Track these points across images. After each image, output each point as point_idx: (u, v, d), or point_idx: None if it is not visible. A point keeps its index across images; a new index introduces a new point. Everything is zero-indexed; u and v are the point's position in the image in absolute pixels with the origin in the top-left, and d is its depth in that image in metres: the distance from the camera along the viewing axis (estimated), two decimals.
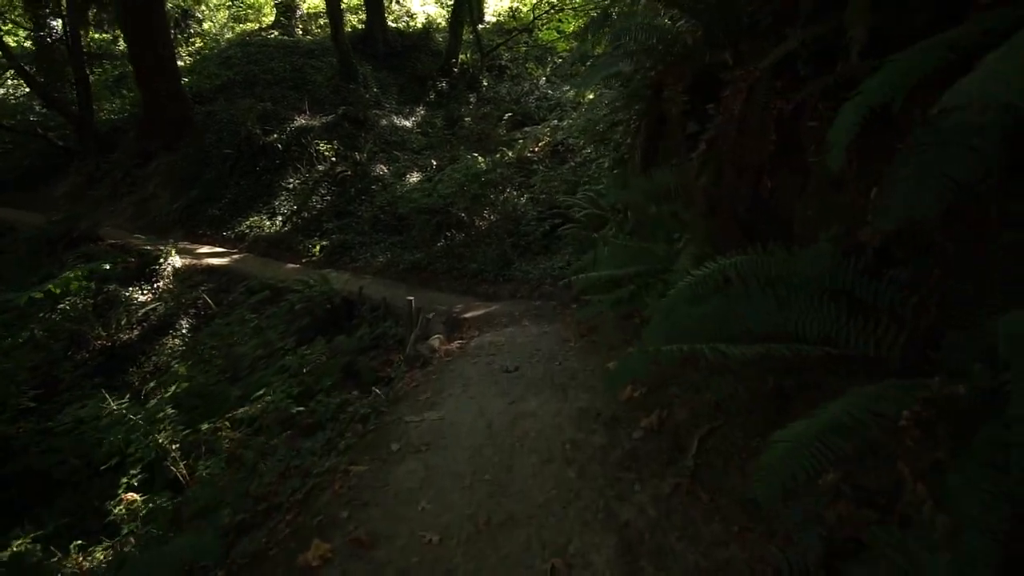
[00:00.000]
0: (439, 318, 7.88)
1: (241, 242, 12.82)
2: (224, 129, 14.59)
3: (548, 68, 19.06)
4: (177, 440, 4.75)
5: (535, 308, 8.45)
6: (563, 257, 9.80)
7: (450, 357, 5.53)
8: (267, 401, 5.08)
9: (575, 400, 3.83)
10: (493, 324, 7.74)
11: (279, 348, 7.58)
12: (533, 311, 8.26)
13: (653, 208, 3.47)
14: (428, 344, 5.92)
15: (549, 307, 8.32)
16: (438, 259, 11.13)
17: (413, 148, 15.35)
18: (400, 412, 4.26)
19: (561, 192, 11.64)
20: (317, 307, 9.06)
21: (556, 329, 6.25)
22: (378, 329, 9.02)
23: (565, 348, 4.92)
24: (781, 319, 2.18)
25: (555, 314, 7.73)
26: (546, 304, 8.69)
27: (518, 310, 8.50)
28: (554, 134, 14.12)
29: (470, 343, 6.33)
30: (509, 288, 9.88)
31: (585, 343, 4.89)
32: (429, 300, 9.80)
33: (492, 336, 6.51)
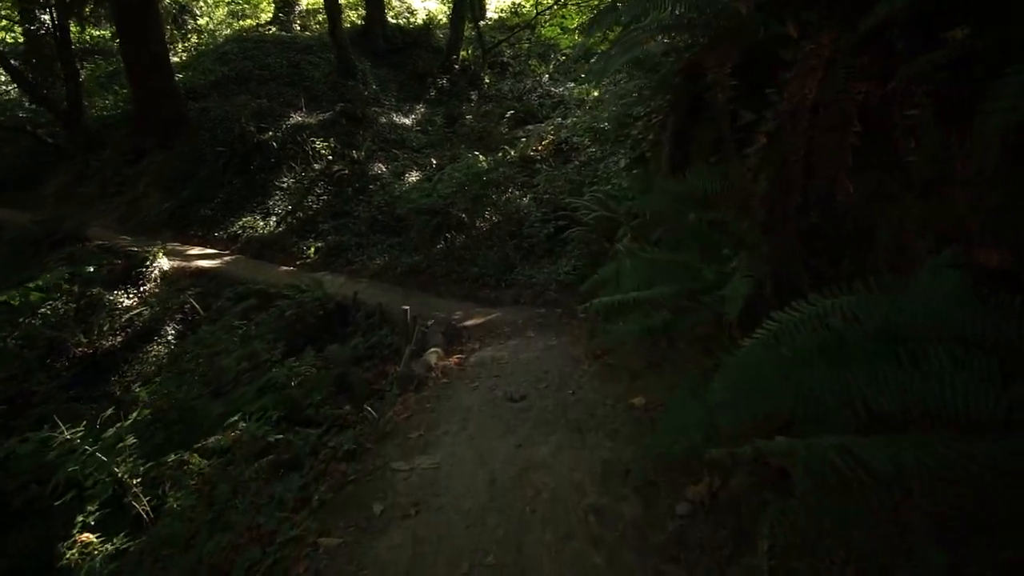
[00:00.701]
0: (437, 327, 7.25)
1: (233, 243, 12.19)
2: (218, 127, 13.96)
3: (551, 65, 18.41)
4: (139, 474, 4.11)
5: (539, 316, 7.81)
6: (569, 261, 9.16)
7: (447, 378, 4.91)
8: (242, 428, 4.44)
9: (596, 447, 3.18)
10: (495, 335, 7.11)
11: (265, 360, 6.93)
12: (537, 320, 7.62)
13: (692, 215, 2.86)
14: (424, 361, 5.29)
15: (554, 316, 7.68)
16: (437, 262, 10.49)
17: (413, 146, 14.70)
18: (387, 454, 3.62)
19: (566, 192, 11.01)
20: (309, 314, 8.42)
21: (564, 344, 5.62)
22: (373, 338, 8.39)
23: (577, 371, 4.29)
24: (920, 389, 1.52)
25: (561, 324, 7.09)
26: (551, 312, 8.05)
27: (521, 318, 7.87)
28: (558, 132, 13.47)
29: (470, 358, 5.70)
30: (512, 293, 9.24)
31: (600, 366, 4.26)
32: (427, 306, 9.17)
33: (494, 350, 5.88)
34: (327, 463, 3.68)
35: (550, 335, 6.39)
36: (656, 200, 3.08)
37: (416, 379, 4.66)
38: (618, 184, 7.54)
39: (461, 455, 3.43)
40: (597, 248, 7.44)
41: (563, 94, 16.42)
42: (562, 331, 6.57)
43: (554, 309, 8.26)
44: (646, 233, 4.62)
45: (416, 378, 4.67)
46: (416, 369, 4.82)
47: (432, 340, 6.62)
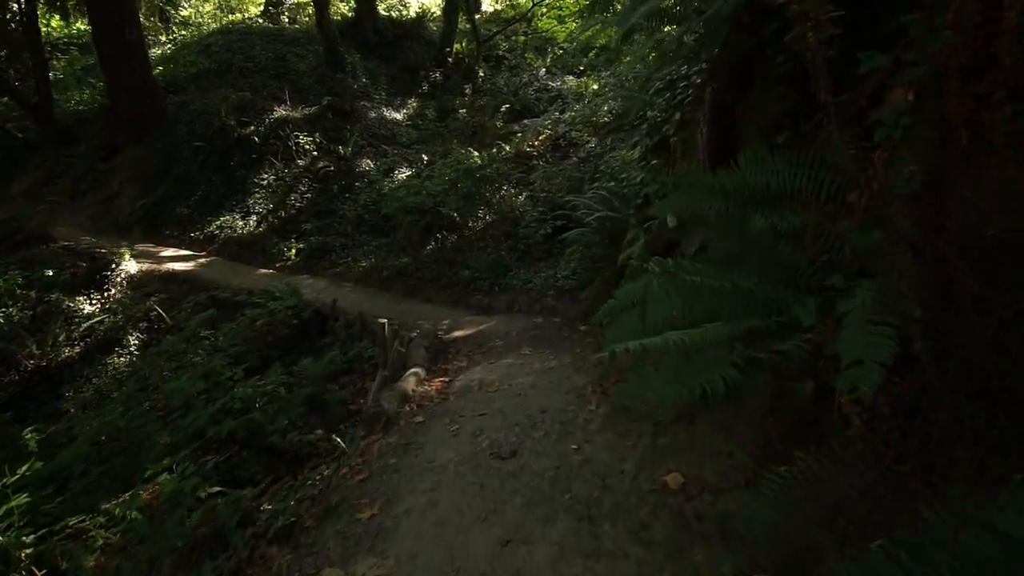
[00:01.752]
0: (421, 340, 6.31)
1: (210, 244, 11.23)
2: (196, 121, 12.98)
3: (548, 58, 17.43)
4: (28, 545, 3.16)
5: (536, 327, 6.88)
6: (567, 265, 8.23)
7: (423, 414, 3.98)
8: (165, 481, 3.50)
9: (617, 556, 2.19)
10: (486, 349, 6.17)
11: (227, 378, 5.97)
12: (533, 331, 6.70)
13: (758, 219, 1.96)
14: (399, 389, 4.36)
15: (553, 327, 6.75)
16: (427, 265, 9.55)
17: (403, 142, 13.74)
18: (325, 542, 2.66)
19: (564, 190, 10.07)
20: (281, 324, 7.45)
21: (564, 365, 4.71)
22: (352, 350, 7.46)
23: (583, 412, 3.35)
24: None
25: (560, 337, 6.15)
26: (549, 322, 7.11)
27: (516, 328, 6.94)
28: (555, 127, 12.50)
29: (455, 382, 4.78)
30: (506, 299, 8.31)
31: (611, 408, 3.32)
32: (414, 313, 8.23)
33: (483, 371, 4.96)
34: (254, 545, 2.76)
35: (548, 352, 5.46)
36: (692, 199, 2.18)
37: (385, 418, 3.73)
38: (626, 179, 6.60)
39: (424, 557, 2.45)
40: (600, 252, 6.51)
41: (560, 88, 15.47)
42: (561, 347, 5.64)
43: (551, 318, 7.33)
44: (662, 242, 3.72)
45: (385, 416, 3.74)
46: (387, 405, 3.88)
47: (414, 356, 5.68)
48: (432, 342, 6.38)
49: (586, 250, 6.55)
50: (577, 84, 14.79)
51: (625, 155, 8.22)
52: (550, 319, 7.31)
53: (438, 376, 5.15)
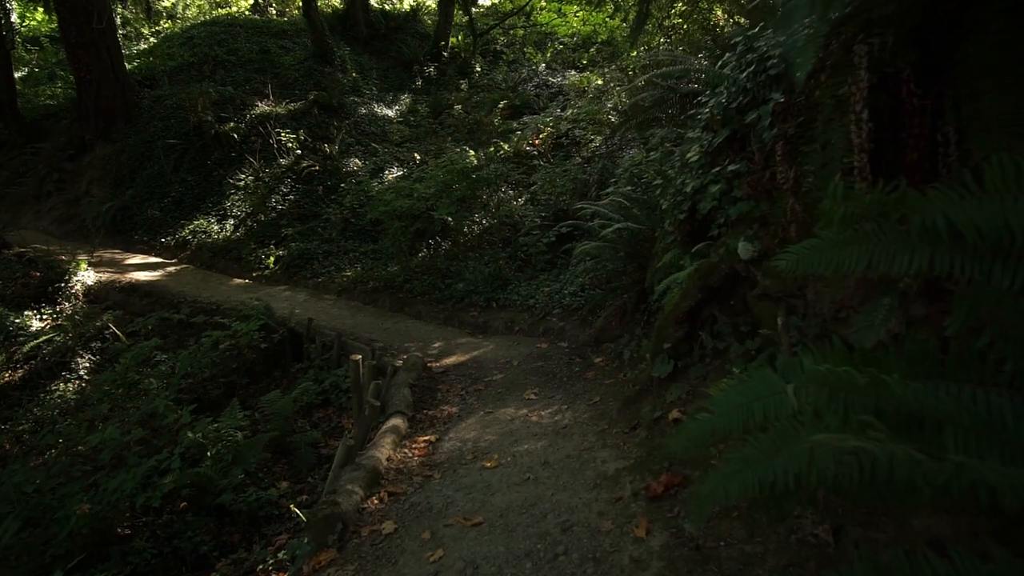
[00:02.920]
0: (406, 374, 5.23)
1: (182, 251, 10.11)
2: (172, 116, 11.85)
3: (549, 53, 16.28)
4: None
5: (540, 356, 5.80)
6: (575, 279, 7.16)
7: (396, 510, 2.88)
8: None
9: None
10: (482, 386, 5.10)
11: (171, 422, 4.88)
12: (538, 362, 5.61)
13: None
14: (368, 465, 3.27)
15: (560, 356, 5.67)
16: (416, 275, 8.47)
17: (394, 140, 12.62)
18: None
19: (567, 193, 9.00)
20: (248, 347, 6.34)
21: (584, 425, 3.64)
22: (328, 378, 6.37)
23: (627, 540, 2.18)
24: None
25: (572, 373, 5.08)
26: (555, 348, 6.03)
27: (517, 355, 5.87)
28: (557, 124, 11.39)
29: (442, 443, 3.72)
30: (505, 317, 7.23)
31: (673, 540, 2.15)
32: (401, 333, 7.15)
33: (478, 427, 3.90)
34: None
35: (558, 397, 4.38)
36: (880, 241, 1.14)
37: (340, 524, 2.63)
38: (648, 183, 5.51)
39: None
40: (616, 268, 5.42)
41: (561, 84, 14.35)
42: (574, 388, 4.56)
43: (557, 343, 6.25)
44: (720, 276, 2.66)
45: (341, 522, 2.64)
46: (345, 502, 2.76)
47: (395, 399, 4.60)
48: (419, 376, 5.29)
49: (602, 267, 5.46)
50: (580, 79, 13.66)
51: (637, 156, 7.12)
52: (556, 343, 6.23)
53: (422, 431, 4.06)
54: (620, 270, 5.38)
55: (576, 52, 16.62)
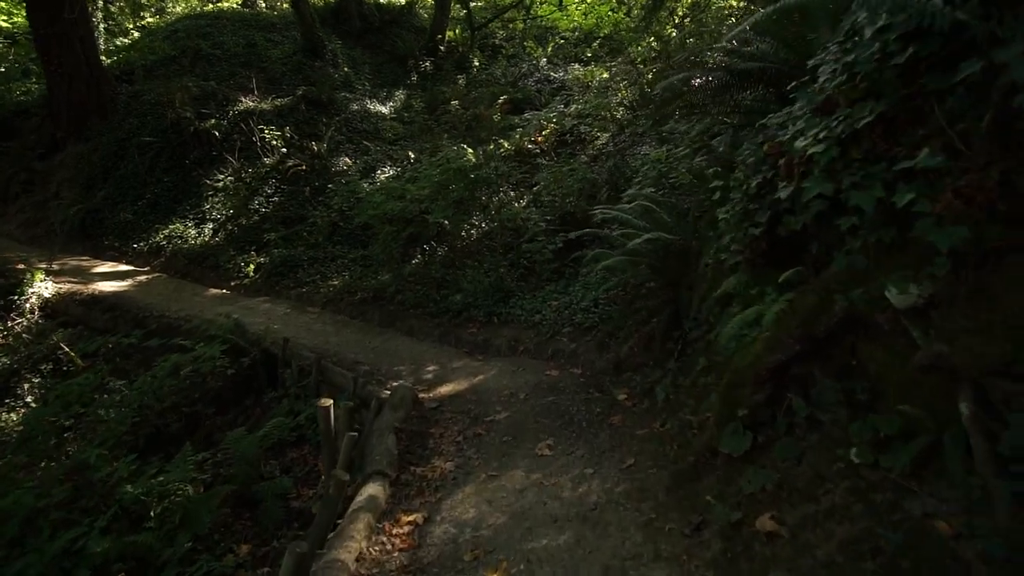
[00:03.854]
0: (392, 413, 4.30)
1: (156, 257, 9.15)
2: (149, 112, 10.83)
3: (550, 48, 15.29)
4: None
5: (552, 386, 4.85)
6: (586, 292, 6.24)
7: None
8: None
9: None
10: (483, 429, 4.16)
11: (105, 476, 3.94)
12: (549, 396, 4.67)
13: None
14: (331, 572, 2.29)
15: (575, 387, 4.73)
16: (409, 285, 7.53)
17: (387, 137, 11.65)
18: None
19: (574, 194, 8.05)
20: (212, 376, 5.39)
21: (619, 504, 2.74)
22: (304, 410, 5.40)
23: None
24: None
25: (592, 414, 4.16)
26: (568, 376, 5.09)
27: (523, 385, 4.93)
28: (561, 120, 10.43)
29: (431, 528, 2.80)
30: (508, 335, 6.29)
31: None
32: (391, 353, 6.23)
33: (479, 504, 3.03)
34: None
35: (580, 453, 3.46)
36: None
37: None
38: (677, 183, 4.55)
39: None
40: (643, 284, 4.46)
41: (563, 78, 13.37)
42: (598, 439, 3.64)
43: (570, 368, 5.31)
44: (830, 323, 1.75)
45: None
46: None
47: (377, 450, 3.66)
48: (408, 415, 4.33)
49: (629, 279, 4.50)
50: (585, 72, 12.69)
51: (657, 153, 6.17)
52: (567, 370, 5.28)
53: (408, 504, 3.11)
54: (650, 291, 4.42)
55: (578, 47, 15.66)
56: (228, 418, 5.86)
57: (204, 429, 5.73)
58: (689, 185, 4.62)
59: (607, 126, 10.13)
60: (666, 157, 5.12)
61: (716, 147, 4.24)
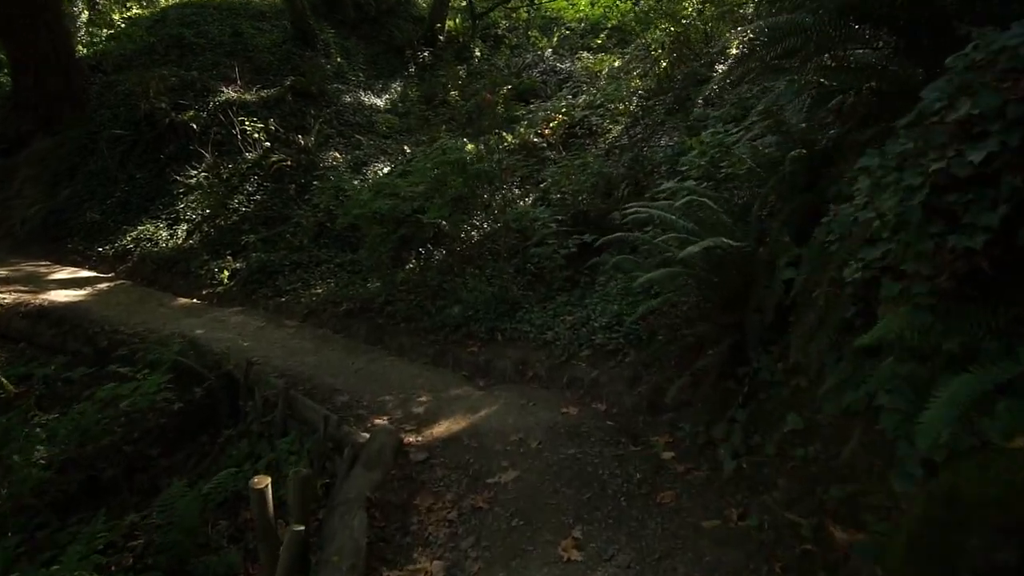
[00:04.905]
0: (366, 476, 3.23)
1: (122, 262, 8.11)
2: (122, 104, 9.78)
3: (556, 38, 14.18)
4: None
5: (573, 433, 3.77)
6: (606, 305, 5.14)
7: None
8: None
9: None
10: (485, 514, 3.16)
11: None
12: (571, 446, 3.61)
13: None
14: None
15: (606, 439, 3.65)
16: (401, 295, 6.48)
17: (382, 131, 10.56)
18: None
19: (587, 191, 6.97)
20: (155, 410, 4.31)
21: None
22: (265, 454, 4.33)
23: None
24: None
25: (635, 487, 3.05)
26: (592, 417, 4.00)
27: (537, 431, 3.84)
28: (571, 111, 9.34)
29: None
30: (514, 356, 5.20)
31: None
32: (376, 378, 5.19)
33: None
34: None
35: (622, 553, 2.40)
36: None
37: None
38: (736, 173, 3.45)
39: None
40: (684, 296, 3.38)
41: (570, 69, 12.26)
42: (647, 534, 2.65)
43: (593, 405, 4.23)
44: None
45: None
46: None
47: (337, 539, 2.53)
48: (385, 478, 3.24)
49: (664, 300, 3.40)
50: (595, 61, 11.58)
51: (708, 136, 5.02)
52: (589, 406, 4.20)
53: None
54: (701, 314, 3.32)
55: (584, 38, 14.54)
56: (179, 459, 4.79)
57: (148, 474, 4.66)
58: (746, 176, 3.53)
59: (620, 118, 9.02)
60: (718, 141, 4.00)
61: (792, 124, 3.15)
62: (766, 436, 2.63)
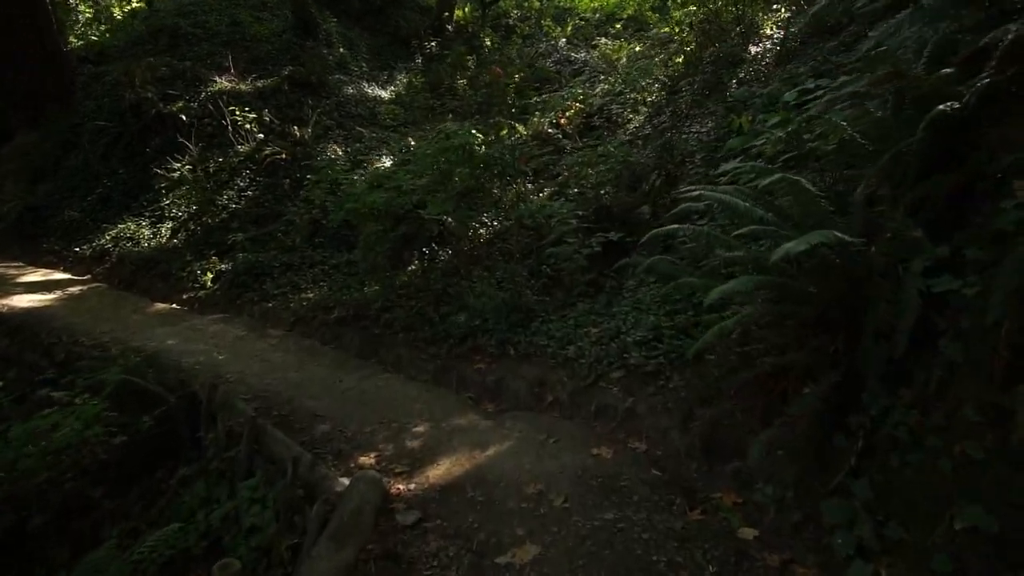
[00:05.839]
0: (337, 552, 2.21)
1: (99, 263, 7.33)
2: (107, 94, 8.99)
3: (569, 28, 13.25)
4: None
5: (609, 487, 2.85)
6: (639, 315, 4.22)
7: None
8: None
9: None
10: None
11: None
12: (606, 507, 2.74)
13: None
14: None
15: (657, 505, 2.72)
16: (400, 301, 5.59)
17: (386, 123, 9.69)
18: None
19: (611, 183, 6.10)
20: (89, 444, 3.44)
21: None
22: (222, 505, 3.43)
23: None
24: None
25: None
26: (631, 462, 3.09)
27: (561, 480, 3.01)
28: (588, 100, 8.43)
29: None
30: (529, 375, 4.29)
31: None
32: (368, 399, 4.38)
33: None
34: None
35: None
36: None
37: None
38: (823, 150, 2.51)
39: None
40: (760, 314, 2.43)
41: (586, 59, 11.34)
42: None
43: (629, 443, 3.34)
44: None
45: None
46: None
47: None
48: (358, 557, 2.32)
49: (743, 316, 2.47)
50: (613, 47, 10.65)
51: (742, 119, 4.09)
52: (627, 444, 3.31)
53: None
54: (777, 329, 2.39)
55: (599, 28, 13.61)
56: (130, 499, 3.94)
57: (89, 519, 3.81)
58: (836, 151, 2.60)
59: (641, 108, 8.08)
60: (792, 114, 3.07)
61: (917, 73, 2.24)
62: (913, 528, 1.72)
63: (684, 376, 3.48)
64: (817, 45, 5.79)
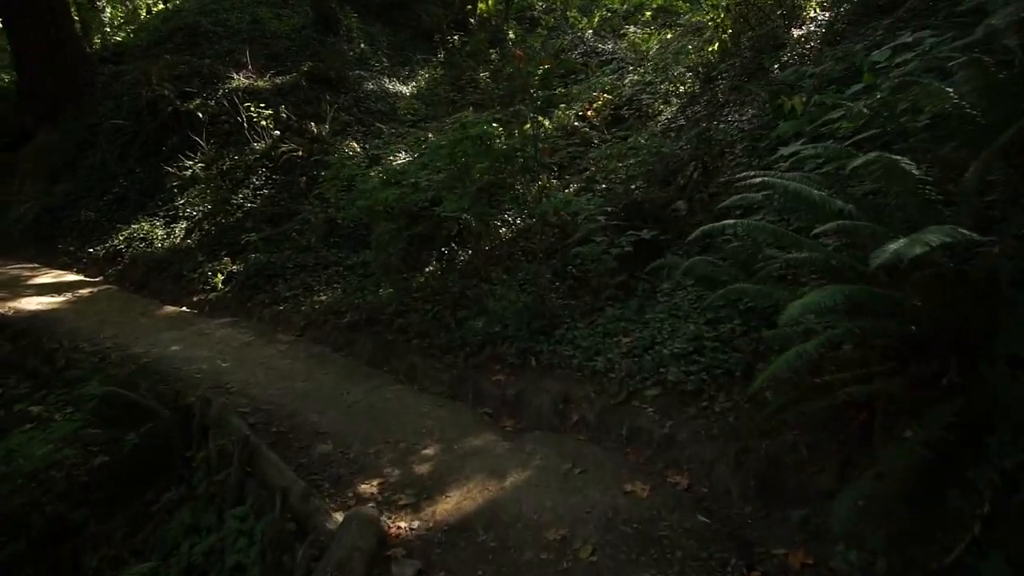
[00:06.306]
0: None
1: (112, 264, 7.10)
2: (126, 93, 8.81)
3: (596, 19, 12.68)
4: None
5: (646, 537, 2.31)
6: (676, 322, 3.68)
7: None
8: None
9: None
10: None
11: None
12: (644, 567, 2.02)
13: None
14: None
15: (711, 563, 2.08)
16: (416, 305, 5.18)
17: (406, 119, 9.31)
18: None
19: (641, 176, 5.58)
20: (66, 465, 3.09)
21: None
22: (208, 536, 3.02)
23: None
24: None
25: None
26: (671, 505, 2.54)
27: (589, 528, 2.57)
28: (617, 91, 7.90)
29: None
30: (552, 390, 3.79)
31: None
32: (376, 413, 3.99)
33: None
34: None
35: None
36: None
37: None
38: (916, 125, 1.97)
39: None
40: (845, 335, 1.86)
41: (613, 50, 10.76)
42: None
43: (669, 479, 2.84)
44: None
45: None
46: None
47: None
48: None
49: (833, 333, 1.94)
50: (643, 36, 10.07)
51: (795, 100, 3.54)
52: (665, 479, 2.83)
53: None
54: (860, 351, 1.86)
55: (627, 19, 13.01)
56: (114, 524, 3.59)
57: (69, 546, 3.47)
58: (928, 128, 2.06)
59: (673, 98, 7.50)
60: None
61: None
62: None
63: (731, 397, 2.97)
64: (869, 24, 5.18)
